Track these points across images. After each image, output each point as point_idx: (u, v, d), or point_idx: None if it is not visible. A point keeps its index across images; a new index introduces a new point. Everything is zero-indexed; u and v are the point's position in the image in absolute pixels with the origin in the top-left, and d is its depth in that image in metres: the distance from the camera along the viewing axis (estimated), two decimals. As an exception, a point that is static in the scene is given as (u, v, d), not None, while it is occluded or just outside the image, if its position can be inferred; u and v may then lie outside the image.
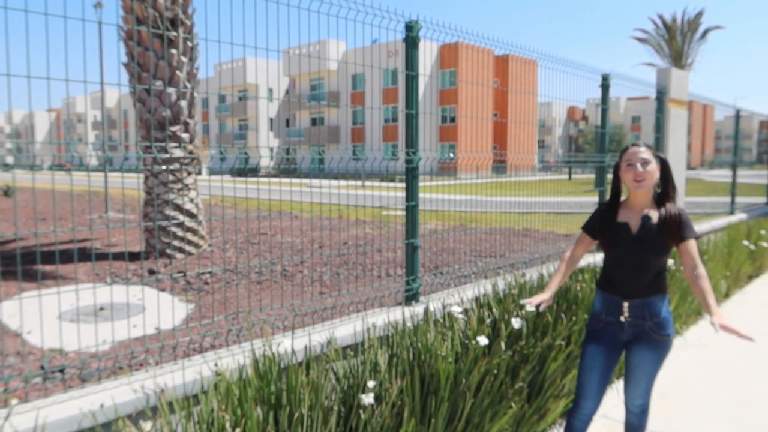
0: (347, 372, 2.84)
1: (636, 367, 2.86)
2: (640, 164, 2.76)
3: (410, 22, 3.75)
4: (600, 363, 2.90)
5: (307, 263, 7.00)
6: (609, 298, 2.90)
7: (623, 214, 2.88)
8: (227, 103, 63.79)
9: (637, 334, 2.84)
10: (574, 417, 3.00)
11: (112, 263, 7.18)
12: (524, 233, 9.15)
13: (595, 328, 2.95)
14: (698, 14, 35.04)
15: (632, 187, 2.81)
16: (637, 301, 2.82)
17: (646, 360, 2.82)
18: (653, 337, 2.80)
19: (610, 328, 2.89)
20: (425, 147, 4.09)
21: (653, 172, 2.78)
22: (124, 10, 7.74)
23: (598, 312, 2.95)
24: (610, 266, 2.94)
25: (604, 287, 2.95)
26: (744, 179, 12.72)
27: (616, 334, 2.88)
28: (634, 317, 2.83)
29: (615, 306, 2.87)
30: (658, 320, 2.80)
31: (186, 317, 4.81)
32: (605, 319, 2.90)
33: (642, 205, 2.84)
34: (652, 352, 2.81)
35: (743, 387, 4.60)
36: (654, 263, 2.81)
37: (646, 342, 2.82)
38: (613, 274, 2.90)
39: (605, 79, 6.04)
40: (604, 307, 2.91)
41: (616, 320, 2.86)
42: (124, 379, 2.52)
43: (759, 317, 6.66)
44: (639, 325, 2.82)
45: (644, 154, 2.78)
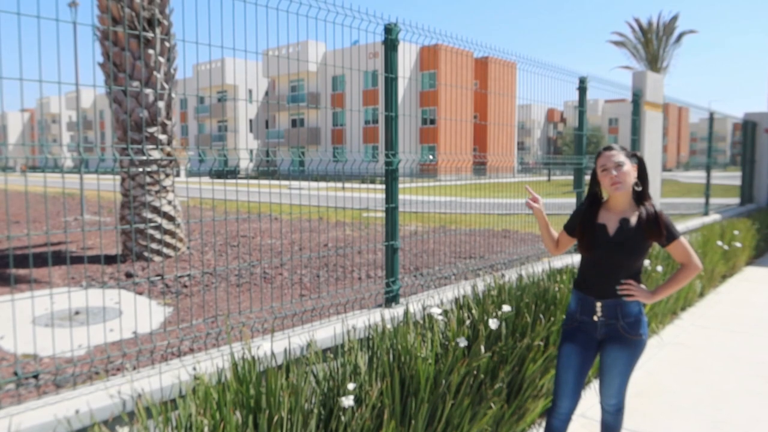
0: (327, 375, 2.83)
1: (609, 367, 2.89)
2: (614, 168, 2.78)
3: (389, 25, 3.76)
4: (575, 362, 2.93)
5: (287, 265, 6.97)
6: (583, 297, 2.94)
7: (602, 216, 2.90)
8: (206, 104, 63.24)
9: (609, 333, 2.87)
10: (552, 416, 3.03)
11: (88, 267, 7.08)
12: (504, 234, 9.22)
13: (570, 327, 2.99)
14: (673, 18, 35.63)
15: (610, 191, 2.84)
16: (610, 301, 2.85)
17: (618, 360, 2.85)
18: (626, 337, 2.84)
19: (584, 328, 2.93)
20: (405, 149, 4.10)
21: (629, 173, 2.80)
22: (99, 10, 7.62)
23: (573, 311, 2.99)
24: (586, 266, 2.98)
25: (579, 287, 2.99)
26: (718, 180, 12.95)
27: (590, 333, 2.92)
28: (607, 317, 2.86)
29: (589, 305, 2.91)
30: (631, 320, 2.84)
31: (164, 321, 4.75)
32: (579, 318, 2.94)
33: (621, 206, 2.87)
34: (624, 352, 2.84)
35: (717, 385, 4.69)
36: (629, 265, 2.84)
37: (618, 341, 2.85)
38: (589, 274, 2.94)
39: (582, 82, 6.11)
40: (579, 306, 2.96)
41: (590, 319, 2.90)
42: (100, 385, 2.48)
43: (732, 316, 6.79)
44: (612, 324, 2.86)
45: (617, 157, 2.80)
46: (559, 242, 3.16)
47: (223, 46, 2.95)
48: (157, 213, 7.57)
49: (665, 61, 35.87)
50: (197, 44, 2.85)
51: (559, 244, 3.16)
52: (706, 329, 6.20)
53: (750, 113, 13.56)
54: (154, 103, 7.61)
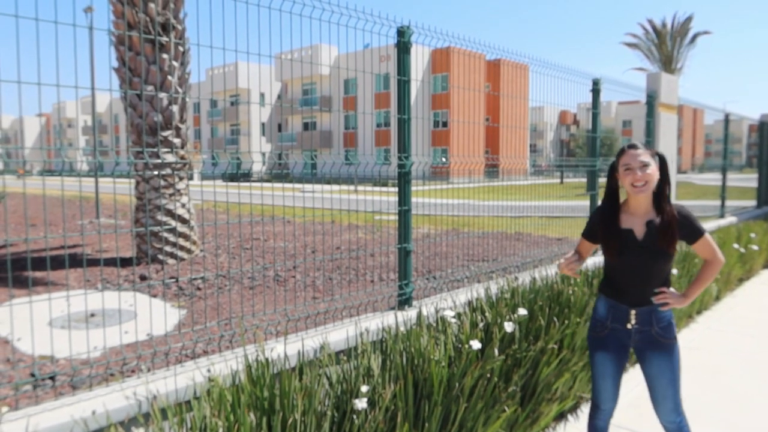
0: (340, 377, 2.83)
1: (656, 378, 2.78)
2: (639, 168, 2.64)
3: (402, 28, 3.76)
4: (611, 369, 2.87)
5: (299, 268, 6.99)
6: (615, 305, 2.81)
7: (625, 220, 2.77)
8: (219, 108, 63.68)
9: (643, 340, 2.78)
10: (595, 418, 2.98)
11: (103, 269, 7.14)
12: (517, 237, 9.18)
13: (600, 335, 2.87)
14: (687, 19, 35.34)
15: (632, 192, 2.69)
16: (645, 308, 2.76)
17: (664, 367, 2.75)
18: (661, 342, 2.75)
19: (615, 335, 2.83)
20: (417, 152, 4.10)
21: (653, 175, 2.66)
22: (115, 15, 7.71)
23: (603, 318, 2.86)
24: (615, 274, 2.84)
25: (608, 294, 2.86)
26: (734, 183, 12.82)
27: (622, 340, 2.83)
28: (641, 324, 2.77)
29: (622, 313, 2.79)
30: (664, 325, 2.75)
31: (178, 323, 4.78)
32: (610, 326, 2.83)
33: (643, 209, 2.74)
34: (666, 358, 2.75)
35: (735, 389, 4.63)
36: (662, 269, 2.74)
37: (656, 348, 2.75)
38: (620, 281, 2.81)
39: (596, 83, 6.08)
40: (610, 314, 2.83)
41: (622, 327, 2.80)
42: (116, 386, 2.50)
43: (749, 319, 6.70)
44: (645, 331, 2.76)
45: (643, 157, 2.65)
46: (581, 252, 3.01)
47: (237, 50, 2.98)
48: (171, 216, 7.62)
49: (679, 62, 35.58)
50: (211, 48, 2.87)
51: (581, 255, 3.01)
52: (723, 333, 6.13)
53: (766, 114, 13.40)
54: (168, 107, 7.67)
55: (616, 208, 2.82)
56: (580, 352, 3.95)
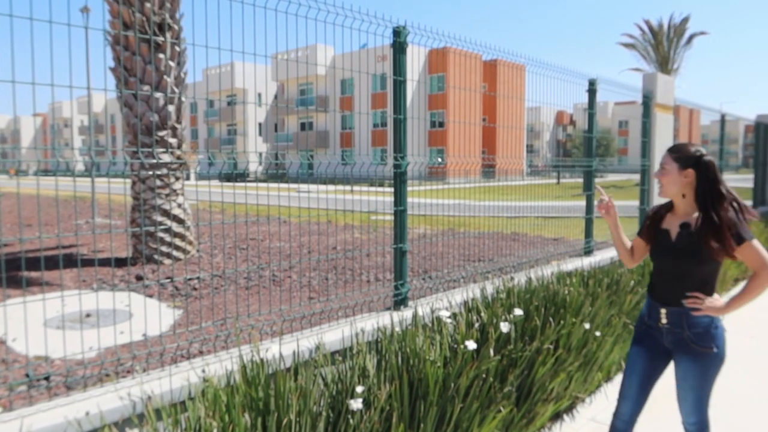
0: (336, 377, 2.83)
1: (680, 380, 2.78)
2: (660, 170, 2.74)
3: (398, 28, 3.76)
4: (640, 366, 2.88)
5: (295, 268, 6.98)
6: (652, 302, 2.87)
7: (668, 220, 2.81)
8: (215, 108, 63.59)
9: (676, 342, 2.77)
10: (615, 417, 3.00)
11: (99, 269, 7.12)
12: (513, 237, 9.19)
13: (639, 330, 2.95)
14: (684, 20, 35.45)
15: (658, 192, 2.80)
16: (675, 309, 2.74)
17: (688, 372, 2.72)
18: (694, 349, 2.70)
19: (651, 333, 2.86)
20: (414, 152, 4.10)
21: (671, 180, 2.69)
22: (111, 15, 7.70)
23: (643, 315, 2.94)
24: (654, 271, 2.90)
25: (650, 291, 2.92)
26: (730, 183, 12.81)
27: (657, 339, 2.84)
28: (672, 325, 2.76)
29: (655, 311, 2.83)
30: (699, 331, 2.69)
31: (174, 323, 4.77)
32: (647, 322, 2.88)
33: (684, 211, 2.74)
34: (694, 364, 2.71)
35: (733, 390, 4.64)
36: (694, 272, 2.70)
37: (687, 353, 2.73)
38: (656, 279, 2.86)
39: (592, 84, 6.09)
40: (648, 310, 2.90)
41: (656, 325, 2.83)
42: (110, 387, 2.50)
43: (747, 320, 6.71)
44: (677, 333, 2.75)
45: (665, 160, 2.73)
46: (634, 250, 3.05)
47: (232, 50, 2.97)
48: (167, 216, 7.61)
49: (676, 62, 35.68)
50: (206, 48, 2.87)
51: (635, 253, 3.05)
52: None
53: (762, 115, 13.44)
54: (164, 107, 7.66)
55: (665, 209, 2.86)
56: (575, 352, 3.96)
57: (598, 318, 4.27)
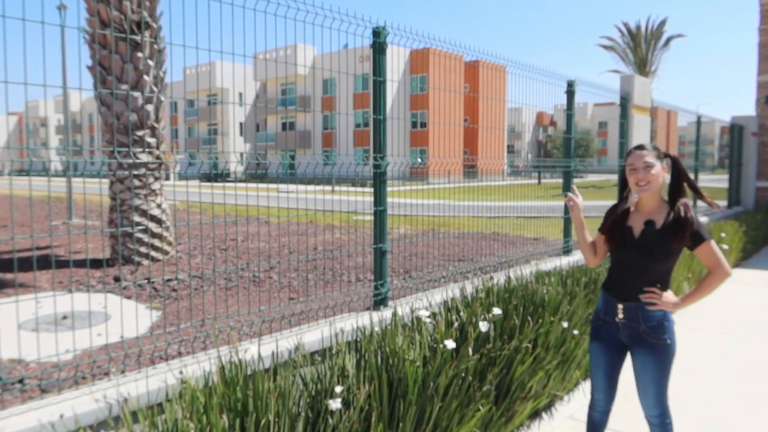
0: (315, 377, 2.82)
1: (640, 373, 2.85)
2: (643, 168, 2.72)
3: (377, 28, 3.77)
4: (603, 360, 2.97)
5: (276, 269, 6.95)
6: (608, 298, 2.93)
7: (632, 217, 2.86)
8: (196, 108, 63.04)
9: (633, 336, 2.84)
10: (591, 408, 3.12)
11: (77, 271, 7.02)
12: (494, 237, 9.24)
13: (596, 325, 3.02)
14: (661, 23, 35.89)
15: (636, 191, 2.78)
16: (631, 304, 2.82)
17: (647, 365, 2.81)
18: (649, 341, 2.78)
19: (608, 327, 2.94)
20: (396, 152, 4.11)
21: (657, 176, 2.72)
22: (88, 13, 7.59)
23: (599, 310, 3.01)
24: (612, 268, 2.96)
25: (605, 286, 2.99)
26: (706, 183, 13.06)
27: (614, 334, 2.92)
28: (628, 319, 2.83)
29: (612, 306, 2.90)
30: (653, 324, 2.78)
31: (152, 325, 4.73)
32: (603, 318, 2.96)
33: (649, 208, 2.81)
34: (651, 356, 2.79)
35: (707, 387, 4.72)
36: (653, 269, 2.78)
37: (643, 346, 2.80)
38: (614, 275, 2.93)
39: (570, 85, 6.15)
40: (604, 306, 2.97)
41: (612, 320, 2.90)
42: (86, 389, 2.47)
43: (722, 317, 6.84)
44: (633, 327, 2.82)
45: (648, 158, 2.72)
46: (597, 248, 3.07)
47: (211, 49, 2.95)
48: (146, 216, 7.53)
49: (654, 64, 36.12)
50: (184, 47, 2.84)
51: (597, 251, 3.07)
52: (697, 331, 6.25)
53: (737, 116, 13.70)
54: (143, 106, 7.57)
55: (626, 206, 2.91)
56: (554, 350, 4.00)
57: (576, 316, 4.32)
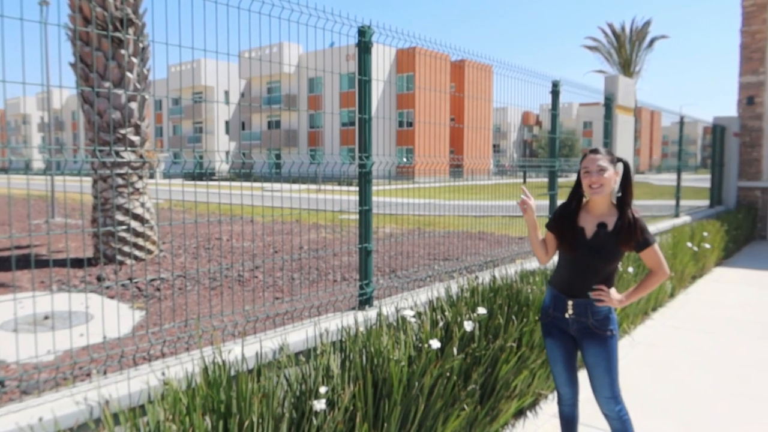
0: (299, 378, 2.81)
1: (593, 367, 2.95)
2: (596, 171, 2.82)
3: (362, 27, 3.76)
4: (558, 354, 3.06)
5: (262, 268, 6.91)
6: (557, 294, 3.03)
7: (582, 218, 2.95)
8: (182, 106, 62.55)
9: (581, 330, 2.95)
10: (559, 404, 3.19)
11: (58, 270, 6.94)
12: (479, 236, 9.28)
13: (545, 321, 3.11)
14: (645, 24, 36.20)
15: (588, 194, 2.89)
16: (581, 300, 2.94)
17: (599, 357, 2.91)
18: (597, 334, 2.91)
19: (557, 323, 3.04)
20: (382, 151, 4.10)
21: (610, 179, 2.83)
22: (71, 9, 7.50)
23: (547, 307, 3.10)
24: (561, 266, 3.06)
25: (554, 283, 3.08)
26: (689, 183, 13.21)
27: (563, 329, 3.03)
28: (577, 315, 2.95)
29: (561, 303, 3.00)
30: (600, 318, 2.92)
31: (135, 325, 4.68)
32: (552, 314, 3.05)
33: (600, 210, 2.91)
34: (601, 348, 2.91)
35: (688, 385, 4.77)
36: (603, 268, 2.91)
37: (592, 338, 2.93)
38: (564, 273, 3.03)
39: (555, 85, 6.18)
40: (552, 302, 3.06)
41: (562, 316, 3.00)
42: (66, 391, 2.43)
43: (702, 316, 6.92)
44: (582, 322, 2.94)
45: (601, 162, 2.83)
46: (548, 246, 3.14)
47: (194, 47, 2.92)
48: (129, 215, 7.46)
49: (638, 65, 36.42)
50: (167, 45, 2.81)
51: (548, 249, 3.14)
52: (677, 329, 6.31)
53: (719, 117, 13.86)
54: (126, 104, 7.50)
55: (577, 206, 3.00)
56: (538, 349, 4.01)
57: (560, 316, 4.34)
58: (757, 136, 13.66)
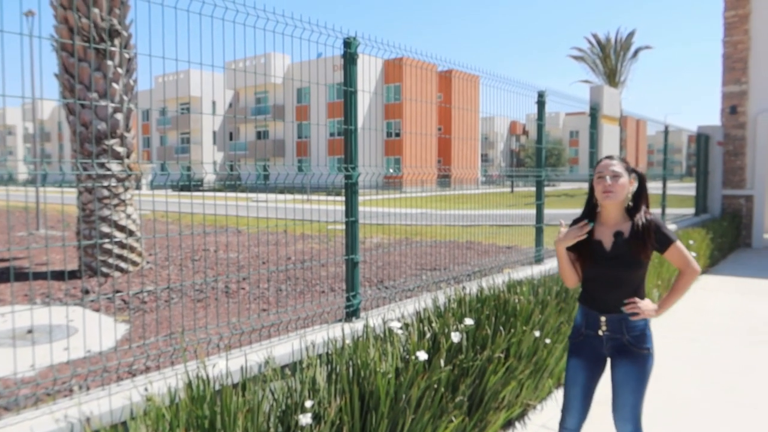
0: (285, 392, 2.78)
1: (620, 384, 2.83)
2: (610, 177, 2.76)
3: (348, 39, 3.77)
4: (582, 377, 2.92)
5: (249, 280, 6.87)
6: (588, 312, 2.91)
7: (597, 231, 2.86)
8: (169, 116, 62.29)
9: (616, 347, 2.83)
10: (561, 427, 3.03)
11: (43, 283, 6.85)
12: (467, 246, 9.29)
13: (576, 341, 2.98)
14: (630, 34, 36.65)
15: (600, 199, 2.80)
16: (614, 315, 2.82)
17: (630, 375, 2.81)
18: (633, 351, 2.80)
19: (590, 342, 2.91)
20: (370, 161, 4.10)
21: (624, 186, 2.77)
22: (57, 20, 7.45)
23: (579, 325, 2.97)
24: (587, 282, 2.94)
25: (583, 301, 2.96)
26: (674, 191, 13.33)
27: (596, 348, 2.89)
28: (612, 331, 2.82)
29: (593, 320, 2.88)
30: (636, 334, 2.80)
31: (120, 339, 4.62)
32: (585, 332, 2.92)
33: (613, 219, 2.84)
34: (634, 367, 2.80)
35: (676, 392, 4.78)
36: (630, 278, 2.81)
37: (627, 356, 2.80)
38: (591, 288, 2.91)
39: (541, 95, 6.23)
40: (584, 320, 2.93)
41: (595, 334, 2.87)
42: (46, 408, 2.39)
43: (690, 323, 6.96)
44: (617, 339, 2.82)
45: (615, 167, 2.78)
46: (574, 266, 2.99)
47: (178, 59, 2.91)
48: (116, 227, 7.39)
49: (623, 75, 36.82)
50: (150, 56, 2.80)
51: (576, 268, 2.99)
52: (665, 337, 6.34)
53: (703, 126, 14.03)
54: (112, 115, 7.45)
55: (592, 219, 2.89)
56: (526, 359, 4.01)
57: (547, 325, 4.35)
58: (741, 144, 13.83)
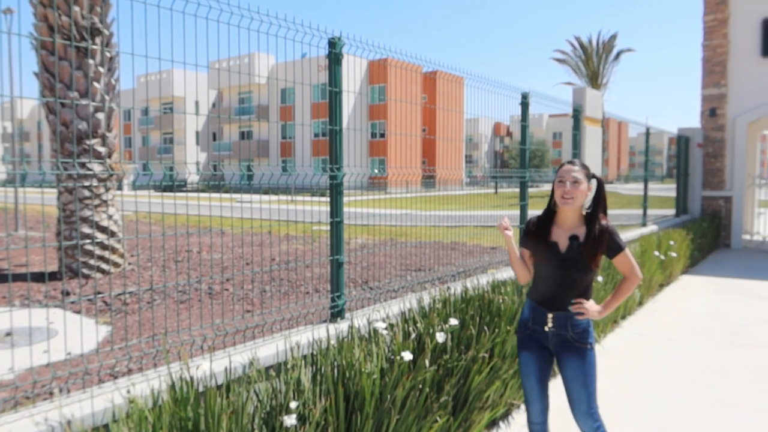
0: (270, 393, 2.77)
1: (571, 381, 2.92)
2: (570, 183, 2.84)
3: (333, 39, 3.76)
4: (534, 368, 3.03)
5: (232, 281, 6.82)
6: (536, 308, 3.01)
7: (554, 233, 2.95)
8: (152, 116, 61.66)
9: (560, 343, 2.94)
10: (529, 422, 3.13)
11: (22, 285, 6.74)
12: (452, 246, 9.31)
13: (523, 335, 3.08)
14: (612, 37, 36.98)
15: (560, 203, 2.89)
16: (561, 313, 2.93)
17: (577, 371, 2.89)
18: (576, 346, 2.91)
19: (536, 336, 3.02)
20: (354, 162, 4.09)
21: (583, 192, 2.85)
22: (36, 18, 7.35)
23: (526, 320, 3.07)
24: (539, 280, 3.04)
25: (532, 297, 3.06)
26: (655, 192, 13.48)
27: (541, 342, 3.01)
28: (557, 328, 2.94)
29: (541, 316, 2.98)
30: (579, 331, 2.92)
31: (101, 341, 4.57)
32: (532, 327, 3.03)
33: (570, 223, 2.93)
34: (579, 362, 2.90)
35: (657, 392, 4.84)
36: (580, 280, 2.91)
37: (570, 352, 2.92)
38: (542, 287, 3.00)
39: (525, 97, 6.26)
40: (532, 315, 3.04)
41: (541, 329, 2.99)
42: (26, 412, 2.35)
43: (670, 323, 7.04)
44: (561, 335, 2.93)
45: (576, 173, 2.85)
46: (527, 263, 3.10)
47: (161, 58, 2.88)
48: (97, 228, 7.30)
49: (605, 77, 37.16)
50: (132, 55, 2.77)
51: (528, 265, 3.10)
52: (646, 337, 6.41)
53: (683, 128, 14.21)
54: (93, 115, 7.36)
55: (550, 220, 2.99)
56: (510, 359, 4.03)
57: (531, 325, 4.36)
58: (720, 146, 14.04)
